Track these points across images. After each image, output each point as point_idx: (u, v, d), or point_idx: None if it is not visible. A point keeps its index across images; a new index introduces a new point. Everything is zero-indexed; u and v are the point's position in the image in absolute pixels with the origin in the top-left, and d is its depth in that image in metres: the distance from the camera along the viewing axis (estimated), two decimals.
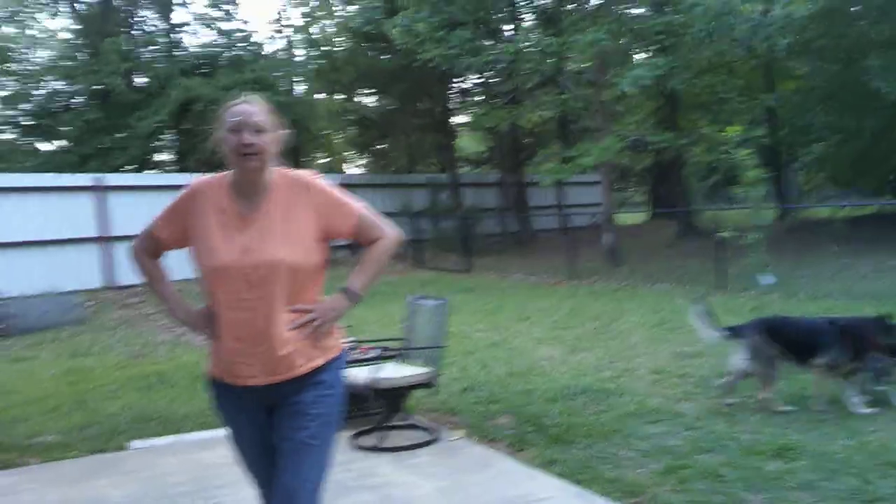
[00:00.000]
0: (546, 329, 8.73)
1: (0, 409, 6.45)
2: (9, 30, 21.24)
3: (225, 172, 2.47)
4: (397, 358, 5.29)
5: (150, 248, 2.59)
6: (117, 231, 13.43)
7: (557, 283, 13.17)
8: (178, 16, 22.57)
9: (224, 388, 2.50)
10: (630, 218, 23.46)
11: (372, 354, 5.32)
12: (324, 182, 2.52)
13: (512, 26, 18.98)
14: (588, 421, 5.04)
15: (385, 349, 5.53)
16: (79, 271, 13.12)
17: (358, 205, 2.54)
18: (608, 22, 14.07)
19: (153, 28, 21.84)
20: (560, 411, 5.28)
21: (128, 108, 19.19)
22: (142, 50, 20.80)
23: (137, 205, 13.15)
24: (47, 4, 21.46)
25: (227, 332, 2.40)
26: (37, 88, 20.54)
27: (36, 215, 13.00)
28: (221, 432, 2.73)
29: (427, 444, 4.76)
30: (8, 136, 21.10)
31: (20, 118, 20.58)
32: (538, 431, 4.89)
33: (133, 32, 21.30)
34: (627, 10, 15.53)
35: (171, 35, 21.65)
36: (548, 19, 18.48)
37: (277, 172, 2.45)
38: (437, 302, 5.25)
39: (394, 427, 4.92)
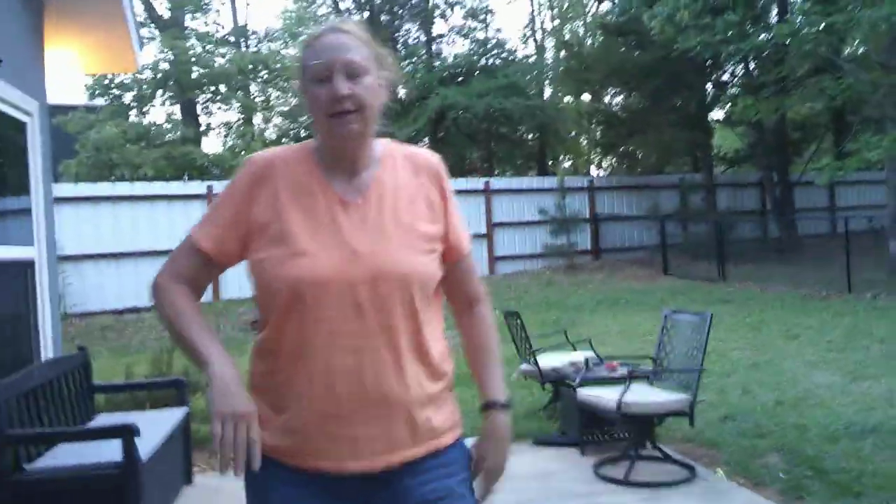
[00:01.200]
0: (820, 350, 7.66)
1: None
2: (288, 51, 23.38)
3: (298, 144, 1.67)
4: (648, 378, 4.79)
5: (188, 272, 1.60)
6: None
7: (830, 296, 11.69)
8: (437, 28, 23.42)
9: (290, 478, 1.53)
10: None
11: (620, 373, 4.86)
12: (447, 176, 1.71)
13: (776, 9, 17.34)
14: (881, 468, 4.19)
15: (635, 367, 5.04)
16: None
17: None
18: None
19: (415, 41, 22.90)
20: (844, 453, 4.46)
21: (390, 117, 20.20)
22: (404, 62, 21.86)
23: None
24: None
25: (312, 387, 1.50)
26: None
27: None
28: None
29: (683, 482, 4.22)
30: None
31: (300, 130, 22.45)
32: (818, 477, 4.14)
33: (396, 46, 22.45)
34: None
35: (431, 46, 22.56)
36: None
37: (383, 143, 1.69)
38: (698, 317, 4.66)
39: (642, 457, 4.43)
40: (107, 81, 17.57)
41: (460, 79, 21.10)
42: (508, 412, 1.70)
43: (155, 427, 3.87)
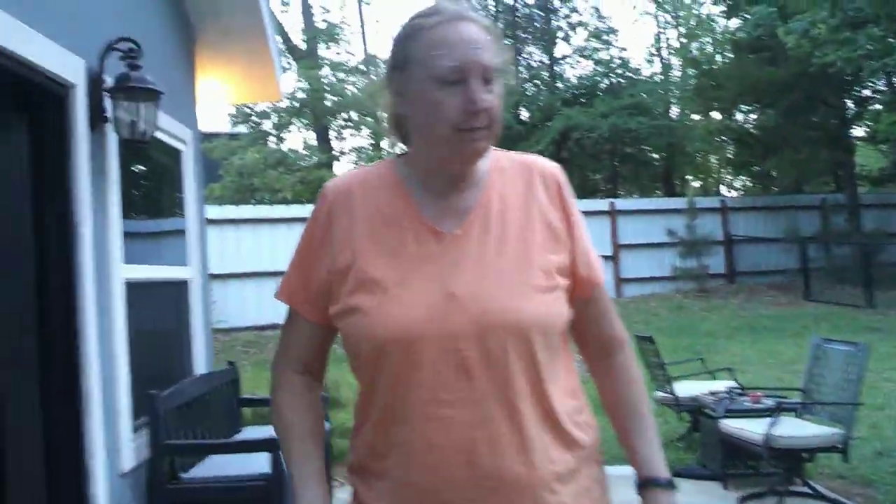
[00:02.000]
0: None
1: None
2: None
3: (380, 163, 1.35)
4: (796, 411, 4.54)
5: (301, 351, 1.35)
6: None
7: None
8: (559, 49, 23.43)
9: None
10: None
11: (765, 404, 4.63)
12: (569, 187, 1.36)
13: None
14: None
15: (782, 399, 4.78)
16: None
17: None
18: None
19: (538, 63, 22.97)
20: None
21: (514, 139, 20.37)
22: (527, 84, 21.95)
23: None
24: None
25: (409, 470, 1.20)
26: None
27: None
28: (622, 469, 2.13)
29: None
30: None
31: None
32: None
33: (519, 68, 22.59)
34: None
35: (554, 68, 22.56)
36: None
37: (491, 154, 1.34)
38: (853, 347, 4.38)
39: (792, 494, 4.19)
40: (247, 110, 18.56)
41: (583, 99, 20.96)
42: (674, 493, 1.33)
43: None
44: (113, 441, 3.20)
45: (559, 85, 22.03)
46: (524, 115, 21.62)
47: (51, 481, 2.88)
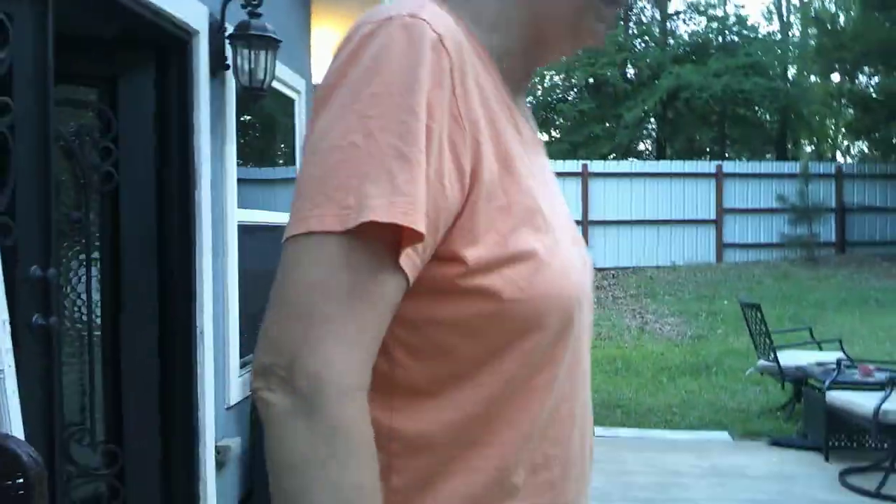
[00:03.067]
0: None
1: None
2: None
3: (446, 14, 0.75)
4: None
5: (375, 342, 0.67)
6: (595, 216, 13.92)
7: None
8: (673, 4, 22.65)
9: None
10: None
11: (877, 378, 4.44)
12: None
13: None
14: None
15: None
16: None
17: None
18: None
19: (649, 18, 22.25)
20: None
21: (618, 98, 19.88)
22: (636, 41, 21.31)
23: (612, 191, 13.68)
24: None
25: (559, 445, 0.80)
26: (540, 83, 22.45)
27: None
28: (687, 434, 2.14)
29: None
30: None
31: None
32: None
33: (630, 24, 21.93)
34: None
35: (666, 24, 21.79)
36: None
37: None
38: None
39: None
40: None
41: (694, 57, 20.18)
42: None
43: None
44: (221, 376, 3.37)
45: (670, 41, 21.25)
46: (630, 72, 21.02)
47: (164, 409, 3.06)
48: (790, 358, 5.27)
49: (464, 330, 0.72)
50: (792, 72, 21.57)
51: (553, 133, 22.50)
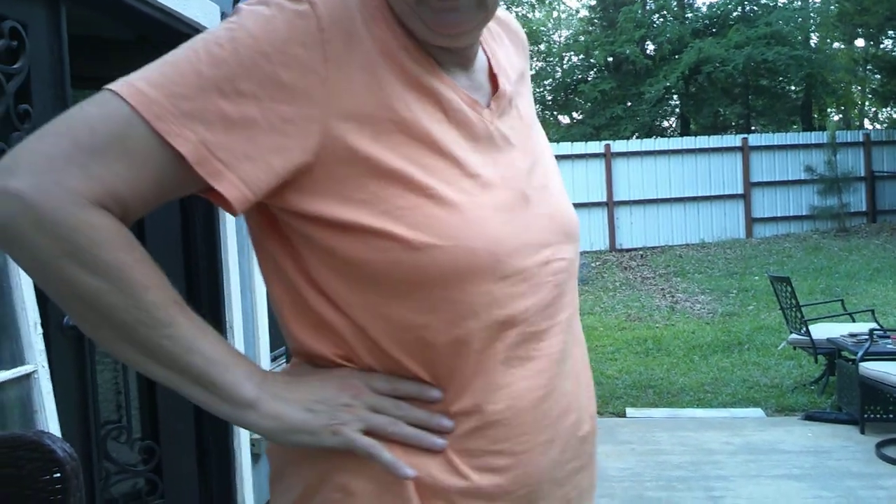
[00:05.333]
0: None
1: None
2: (538, 14, 23.53)
3: None
4: None
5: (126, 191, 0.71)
6: (619, 196, 13.83)
7: None
8: None
9: None
10: None
11: None
12: None
13: None
14: None
15: None
16: (588, 233, 13.88)
17: None
18: None
19: None
20: None
21: (639, 75, 19.66)
22: (655, 16, 21.05)
23: (637, 170, 13.60)
24: None
25: (526, 432, 0.79)
26: (559, 65, 22.31)
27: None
28: (720, 412, 2.16)
29: None
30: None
31: (545, 94, 22.57)
32: None
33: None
34: None
35: None
36: None
37: None
38: None
39: None
40: None
41: (714, 30, 19.89)
42: None
43: None
44: None
45: (689, 15, 20.96)
46: (650, 48, 20.78)
47: (198, 407, 3.11)
48: (822, 331, 5.21)
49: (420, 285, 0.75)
50: (814, 39, 21.16)
51: (575, 115, 22.35)
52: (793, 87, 21.17)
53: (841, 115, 26.16)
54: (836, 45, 21.59)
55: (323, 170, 0.73)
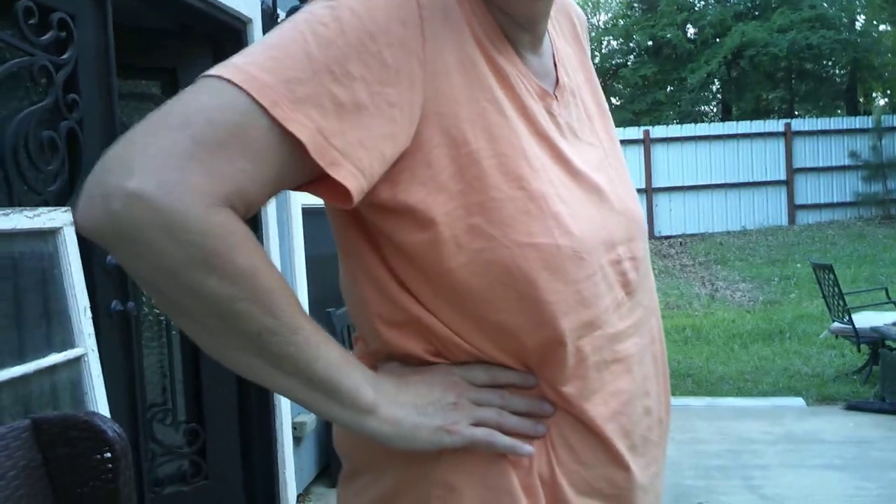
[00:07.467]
0: None
1: None
2: None
3: None
4: None
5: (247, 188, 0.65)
6: (658, 183, 13.68)
7: None
8: None
9: None
10: None
11: None
12: None
13: None
14: None
15: None
16: None
17: None
18: None
19: None
20: None
21: (681, 60, 19.39)
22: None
23: (676, 156, 13.45)
24: None
25: (610, 423, 0.78)
26: (598, 50, 22.07)
27: None
28: (759, 402, 2.13)
29: None
30: None
31: None
32: None
33: None
34: None
35: None
36: None
37: None
38: None
39: None
40: None
41: (757, 13, 19.50)
42: None
43: None
44: None
45: None
46: (691, 31, 20.45)
47: (241, 389, 3.16)
48: (865, 319, 5.12)
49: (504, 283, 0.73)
50: (860, 22, 20.62)
51: (613, 101, 22.12)
52: (837, 71, 20.70)
53: (887, 100, 25.49)
54: (882, 27, 21.00)
55: (418, 157, 0.69)
